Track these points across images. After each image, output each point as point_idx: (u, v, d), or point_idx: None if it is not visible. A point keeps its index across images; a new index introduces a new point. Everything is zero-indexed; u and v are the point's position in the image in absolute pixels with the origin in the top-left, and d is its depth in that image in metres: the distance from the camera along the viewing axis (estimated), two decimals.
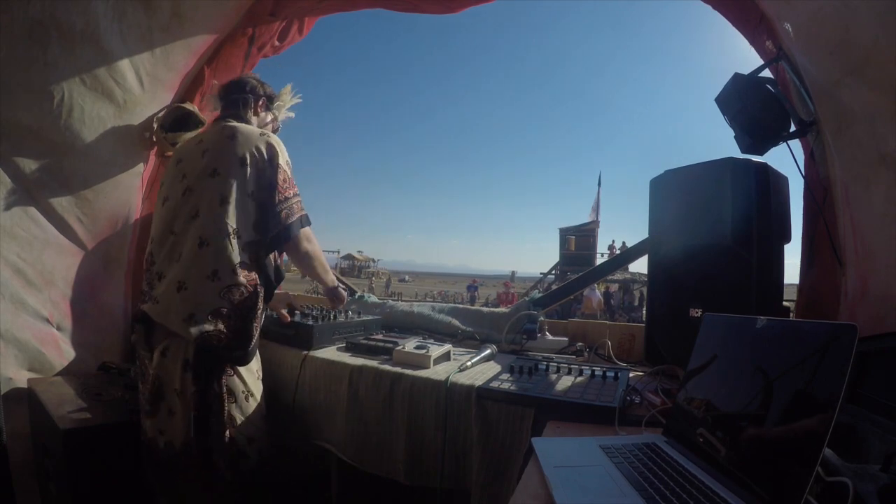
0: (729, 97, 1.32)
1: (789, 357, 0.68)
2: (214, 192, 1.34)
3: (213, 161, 1.37)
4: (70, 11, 1.44)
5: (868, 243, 1.09)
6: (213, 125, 1.52)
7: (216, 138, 1.42)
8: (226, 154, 1.37)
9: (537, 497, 0.72)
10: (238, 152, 1.37)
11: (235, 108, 1.54)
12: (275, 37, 2.01)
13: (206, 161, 1.38)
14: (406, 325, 1.92)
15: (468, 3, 1.89)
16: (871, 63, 0.91)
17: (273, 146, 1.42)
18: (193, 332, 1.25)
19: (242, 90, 1.56)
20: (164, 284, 1.31)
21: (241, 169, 1.36)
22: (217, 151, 1.39)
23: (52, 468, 1.39)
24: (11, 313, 1.57)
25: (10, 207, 1.55)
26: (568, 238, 17.41)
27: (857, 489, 0.63)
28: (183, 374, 1.27)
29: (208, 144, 1.42)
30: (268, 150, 1.41)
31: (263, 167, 1.39)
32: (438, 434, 1.23)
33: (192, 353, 1.27)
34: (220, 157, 1.37)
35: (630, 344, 1.62)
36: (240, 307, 1.31)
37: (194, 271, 1.29)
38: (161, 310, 1.30)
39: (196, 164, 1.40)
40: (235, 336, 1.31)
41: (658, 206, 1.44)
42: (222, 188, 1.34)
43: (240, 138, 1.39)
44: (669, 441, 0.88)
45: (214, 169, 1.36)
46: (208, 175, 1.36)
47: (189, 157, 1.44)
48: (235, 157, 1.36)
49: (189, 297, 1.27)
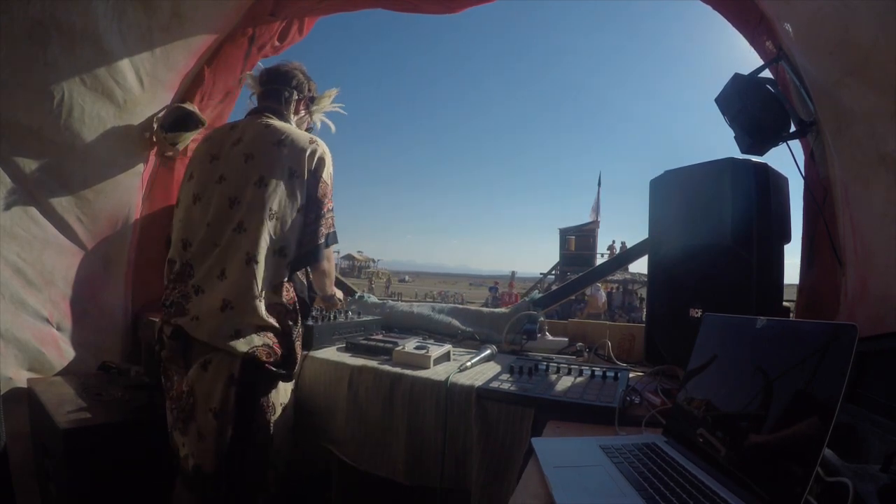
0: (729, 97, 1.32)
1: (789, 357, 0.68)
2: (262, 204, 1.25)
3: (259, 168, 1.28)
4: (70, 11, 1.44)
5: (868, 243, 1.09)
6: (253, 121, 1.39)
7: (260, 141, 1.32)
8: (273, 162, 1.29)
9: (537, 497, 0.72)
10: (287, 163, 1.29)
11: (276, 101, 1.45)
12: (275, 37, 2.01)
13: (251, 168, 1.29)
14: (406, 326, 1.92)
15: (468, 3, 1.89)
16: (871, 63, 0.91)
17: (322, 157, 1.35)
18: (242, 348, 1.19)
19: (287, 83, 1.47)
20: (206, 302, 1.23)
21: (290, 181, 1.29)
22: (263, 158, 1.30)
23: (52, 468, 1.39)
24: (11, 313, 1.57)
25: (10, 207, 1.55)
26: (568, 238, 17.41)
27: (857, 489, 0.63)
28: (226, 390, 1.20)
29: (251, 147, 1.32)
30: (317, 161, 1.34)
31: (310, 179, 1.33)
32: (438, 434, 1.23)
33: (238, 368, 1.20)
34: (266, 165, 1.29)
35: (630, 344, 1.61)
36: (284, 325, 1.28)
37: (241, 290, 1.22)
38: (203, 328, 1.21)
39: (237, 169, 1.30)
40: (283, 353, 1.28)
41: (658, 206, 1.44)
42: (271, 201, 1.26)
43: (289, 146, 1.31)
44: (669, 441, 0.88)
45: (261, 178, 1.27)
46: (254, 184, 1.27)
47: (228, 158, 1.33)
48: (284, 168, 1.29)
49: (235, 316, 1.21)
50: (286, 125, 1.39)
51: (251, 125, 1.38)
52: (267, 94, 1.47)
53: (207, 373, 1.21)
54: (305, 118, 1.56)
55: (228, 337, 1.19)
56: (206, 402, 1.21)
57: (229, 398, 1.20)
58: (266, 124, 1.36)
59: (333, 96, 1.62)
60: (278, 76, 1.48)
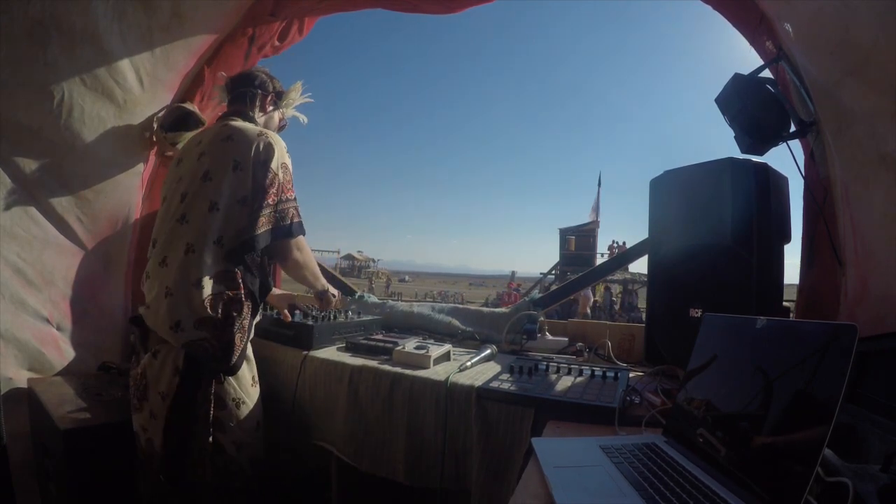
0: (729, 97, 1.32)
1: (789, 357, 0.68)
2: (206, 197, 1.31)
3: (208, 164, 1.35)
4: (70, 11, 1.43)
5: (868, 243, 1.09)
6: (216, 123, 1.48)
7: (213, 139, 1.39)
8: (220, 157, 1.34)
9: (537, 497, 0.72)
10: (232, 156, 1.33)
11: (242, 103, 1.50)
12: (275, 37, 2.01)
13: (201, 164, 1.35)
14: (406, 326, 1.92)
15: (468, 4, 1.89)
16: (871, 63, 0.91)
17: (270, 147, 1.36)
18: (180, 340, 1.25)
19: (251, 84, 1.52)
20: (155, 290, 1.30)
21: (233, 174, 1.32)
22: (212, 154, 1.36)
23: (52, 468, 1.39)
24: (11, 313, 1.57)
25: (10, 207, 1.54)
26: (568, 238, 17.42)
27: (857, 489, 0.63)
28: (171, 378, 1.27)
29: (205, 146, 1.39)
30: (264, 151, 1.35)
31: (256, 170, 1.34)
32: (438, 434, 1.23)
33: (181, 359, 1.26)
34: (214, 161, 1.34)
35: (630, 344, 1.62)
36: (224, 317, 1.28)
37: (180, 278, 1.27)
38: (151, 315, 1.30)
39: (193, 167, 1.37)
40: (221, 346, 1.28)
41: (658, 206, 1.44)
42: (213, 194, 1.31)
43: (235, 139, 1.36)
44: (669, 441, 0.88)
45: (207, 172, 1.33)
46: (201, 178, 1.33)
47: (188, 159, 1.41)
48: (229, 161, 1.33)
49: (175, 304, 1.26)
50: (242, 123, 1.43)
51: (211, 128, 1.47)
52: (233, 98, 1.54)
53: (157, 360, 1.29)
54: (275, 115, 1.59)
55: (169, 328, 1.25)
56: (156, 386, 1.28)
57: (173, 387, 1.26)
58: (223, 124, 1.42)
59: (300, 89, 1.64)
60: (241, 79, 1.54)
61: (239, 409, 1.34)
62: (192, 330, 1.25)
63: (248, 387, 1.38)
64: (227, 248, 1.31)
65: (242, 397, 1.35)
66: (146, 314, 1.31)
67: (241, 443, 1.34)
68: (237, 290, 1.32)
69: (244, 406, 1.35)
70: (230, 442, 1.32)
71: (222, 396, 1.31)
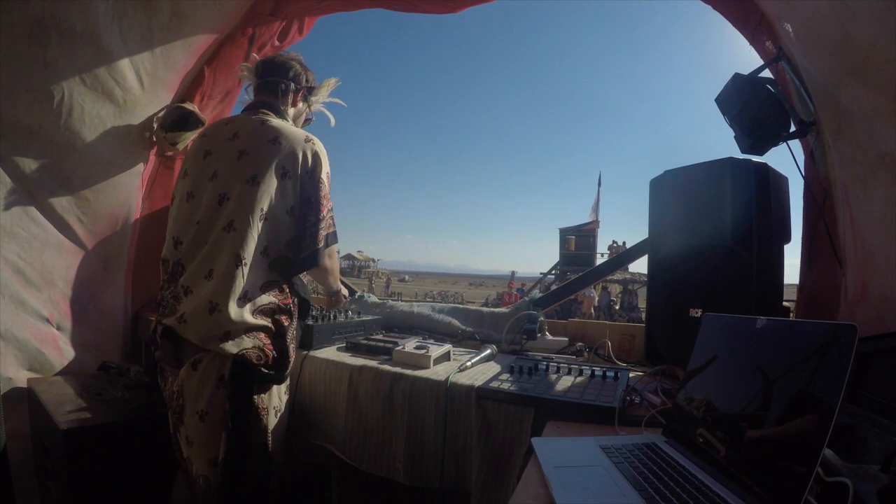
0: (729, 97, 1.32)
1: (789, 357, 0.68)
2: (254, 204, 1.21)
3: (253, 166, 1.24)
4: (70, 11, 1.44)
5: (868, 243, 1.09)
6: (248, 116, 1.36)
7: (255, 138, 1.28)
8: (267, 161, 1.25)
9: (537, 497, 0.72)
10: (281, 161, 1.25)
11: (272, 93, 1.41)
12: (275, 37, 2.01)
13: (244, 165, 1.25)
14: (406, 326, 1.92)
15: (468, 4, 1.89)
16: (871, 63, 0.91)
17: (318, 156, 1.31)
18: (232, 350, 1.15)
19: (284, 74, 1.42)
20: (194, 303, 1.18)
21: (282, 181, 1.25)
22: (257, 155, 1.26)
23: (52, 468, 1.39)
24: (11, 313, 1.57)
25: (10, 207, 1.55)
26: (568, 238, 17.42)
27: (857, 489, 0.63)
28: (214, 391, 1.16)
29: (245, 144, 1.28)
30: (313, 160, 1.30)
31: (306, 180, 1.29)
32: (438, 434, 1.23)
33: (228, 369, 1.16)
34: (260, 163, 1.24)
35: (630, 344, 1.62)
36: (277, 326, 1.25)
37: (228, 292, 1.17)
38: (191, 329, 1.17)
39: (230, 165, 1.26)
40: (277, 355, 1.24)
41: (658, 206, 1.44)
42: (262, 201, 1.22)
43: (283, 144, 1.27)
44: (669, 441, 0.88)
45: (254, 176, 1.23)
46: (246, 181, 1.23)
47: (222, 154, 1.29)
48: (278, 167, 1.25)
49: (223, 319, 1.15)
50: (282, 122, 1.36)
51: (247, 121, 1.35)
52: (263, 86, 1.43)
53: (197, 372, 1.17)
54: (304, 110, 1.52)
55: (218, 339, 1.15)
56: (195, 404, 1.17)
57: (217, 401, 1.16)
58: (262, 121, 1.33)
59: (332, 86, 1.56)
60: (274, 67, 1.43)
61: (276, 417, 1.30)
62: (243, 339, 1.17)
63: (283, 395, 1.35)
64: (273, 257, 1.26)
65: (280, 406, 1.32)
66: (182, 328, 1.17)
67: (274, 453, 1.30)
68: (286, 300, 1.29)
69: (280, 415, 1.32)
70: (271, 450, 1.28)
71: (267, 407, 1.26)
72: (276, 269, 1.27)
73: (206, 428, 1.16)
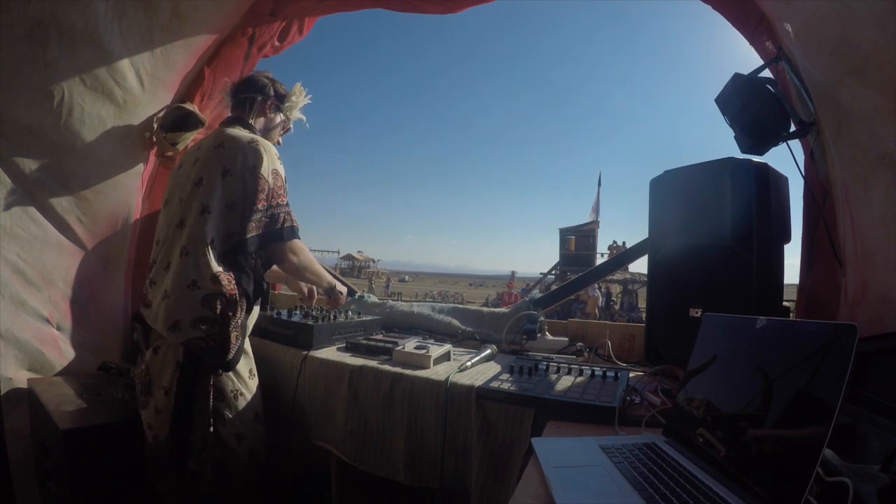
0: (729, 97, 1.32)
1: (789, 357, 0.68)
2: (198, 201, 1.36)
3: (201, 170, 1.40)
4: (70, 11, 1.43)
5: (868, 243, 1.09)
6: (214, 130, 1.53)
7: (208, 146, 1.44)
8: (211, 163, 1.39)
9: (537, 497, 0.72)
10: (222, 162, 1.38)
11: (241, 109, 1.55)
12: (275, 37, 2.01)
13: (196, 170, 1.41)
14: (406, 326, 1.92)
15: (468, 4, 1.89)
16: (871, 63, 0.91)
17: (258, 154, 1.41)
18: (178, 339, 1.31)
19: (251, 90, 1.56)
20: (156, 292, 1.37)
21: (222, 179, 1.37)
22: (205, 161, 1.41)
23: (52, 468, 1.39)
24: (11, 313, 1.57)
25: (10, 207, 1.55)
26: (568, 238, 17.43)
27: (857, 489, 0.63)
28: (173, 373, 1.32)
29: (201, 152, 1.44)
30: (252, 158, 1.40)
31: (245, 177, 1.39)
32: (438, 434, 1.23)
33: (181, 354, 1.32)
34: (206, 167, 1.39)
35: (630, 344, 1.62)
36: (220, 316, 1.32)
37: (177, 280, 1.33)
38: (152, 316, 1.36)
39: (189, 172, 1.43)
40: (217, 344, 1.32)
41: (658, 206, 1.44)
42: (204, 198, 1.36)
43: (226, 146, 1.41)
44: (669, 441, 0.88)
45: (200, 178, 1.39)
46: (193, 184, 1.39)
47: (186, 164, 1.47)
48: (219, 167, 1.38)
49: (172, 305, 1.31)
50: (235, 130, 1.47)
51: (210, 134, 1.53)
52: (235, 104, 1.58)
53: (158, 356, 1.36)
54: (277, 119, 1.62)
55: (168, 328, 1.31)
56: (160, 381, 1.34)
57: (174, 380, 1.32)
58: (219, 131, 1.48)
59: (300, 91, 1.66)
60: (241, 86, 1.58)
61: (237, 400, 1.39)
62: (188, 329, 1.30)
63: (247, 379, 1.43)
64: (220, 250, 1.36)
65: (241, 389, 1.40)
66: (147, 314, 1.38)
67: (241, 434, 1.38)
68: (232, 290, 1.35)
69: (242, 398, 1.40)
70: (230, 434, 1.37)
71: (221, 389, 1.36)
72: (225, 261, 1.37)
73: (169, 399, 1.32)
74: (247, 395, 1.41)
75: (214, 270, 1.33)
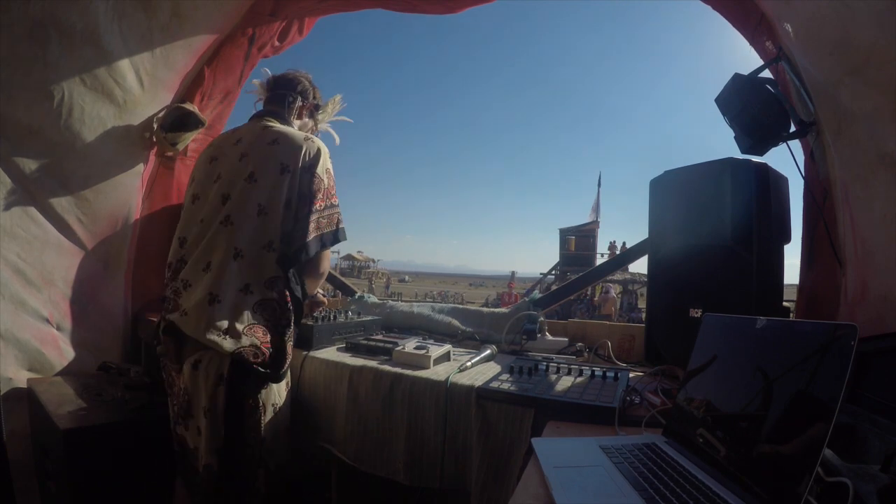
0: (729, 97, 1.32)
1: (789, 357, 0.68)
2: (252, 199, 1.27)
3: (251, 165, 1.30)
4: (70, 11, 1.44)
5: (868, 243, 1.09)
6: (253, 123, 1.43)
7: (256, 141, 1.35)
8: (266, 159, 1.31)
9: (537, 497, 0.72)
10: (279, 158, 1.30)
11: (280, 105, 1.48)
12: (275, 37, 2.01)
13: (244, 165, 1.31)
14: (406, 326, 1.92)
15: (468, 4, 1.89)
16: (871, 63, 0.91)
17: (317, 152, 1.35)
18: (229, 347, 1.17)
19: (292, 88, 1.50)
20: (195, 295, 1.22)
21: (280, 177, 1.29)
22: (257, 156, 1.32)
23: (52, 468, 1.39)
24: (11, 313, 1.57)
25: (10, 207, 1.55)
26: (568, 238, 17.44)
27: (856, 489, 0.63)
28: (215, 390, 1.19)
29: (247, 147, 1.35)
30: (311, 156, 1.33)
31: (304, 175, 1.32)
32: (438, 434, 1.23)
33: (227, 367, 1.19)
34: (259, 162, 1.31)
35: (630, 344, 1.62)
36: (275, 324, 1.26)
37: (227, 283, 1.21)
38: (192, 322, 1.20)
39: (232, 167, 1.33)
40: (273, 353, 1.25)
41: (658, 206, 1.44)
42: (261, 196, 1.27)
43: (282, 143, 1.33)
44: (669, 441, 0.88)
45: (251, 174, 1.29)
46: (244, 180, 1.29)
47: (225, 158, 1.36)
48: (276, 164, 1.29)
49: (223, 310, 1.19)
50: (284, 127, 1.40)
51: (250, 127, 1.42)
52: (271, 98, 1.50)
53: (198, 372, 1.21)
54: (309, 125, 1.58)
55: (215, 333, 1.17)
56: (199, 400, 1.22)
57: (218, 397, 1.19)
58: (264, 125, 1.39)
59: (338, 103, 1.63)
60: (284, 82, 1.51)
61: (276, 413, 1.31)
62: (242, 336, 1.20)
63: (283, 391, 1.35)
64: (280, 253, 1.28)
65: (278, 402, 1.32)
66: (183, 321, 1.21)
67: (273, 448, 1.30)
68: (286, 297, 1.29)
69: (280, 411, 1.33)
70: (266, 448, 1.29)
71: (265, 402, 1.27)
72: (282, 265, 1.29)
73: (211, 421, 1.20)
74: (282, 408, 1.34)
75: (271, 275, 1.26)
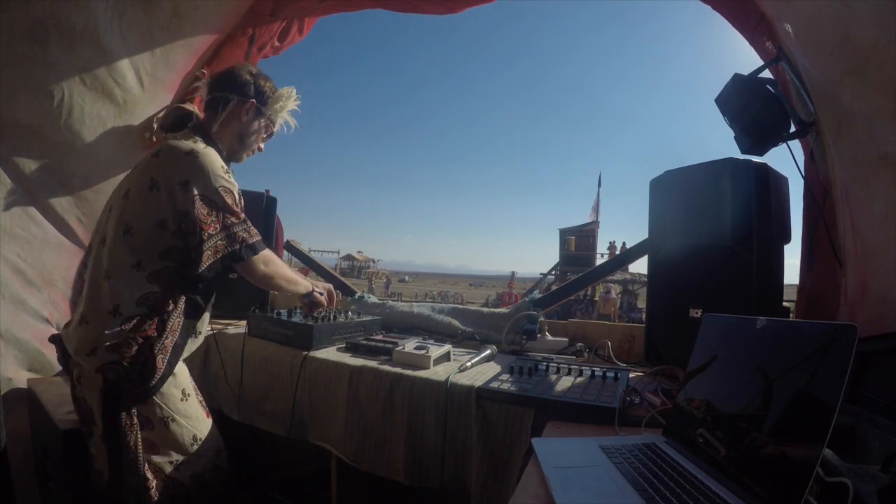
0: (729, 98, 1.32)
1: (789, 357, 0.68)
2: (123, 218, 1.21)
3: (130, 181, 1.26)
4: (70, 11, 1.44)
5: (868, 243, 1.09)
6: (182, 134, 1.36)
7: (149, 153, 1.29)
8: (141, 174, 1.24)
9: (537, 497, 0.72)
10: (153, 174, 1.22)
11: (212, 111, 1.35)
12: (275, 37, 2.01)
13: (128, 180, 1.27)
14: (406, 326, 1.91)
15: (468, 4, 1.89)
16: (871, 63, 0.91)
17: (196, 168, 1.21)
18: (94, 364, 1.16)
19: (227, 87, 1.35)
20: (76, 314, 1.23)
21: (150, 193, 1.20)
22: (138, 170, 1.26)
23: (52, 468, 1.39)
24: (11, 313, 1.57)
25: (10, 207, 1.55)
26: (568, 239, 17.44)
27: (857, 489, 0.63)
28: (99, 403, 1.18)
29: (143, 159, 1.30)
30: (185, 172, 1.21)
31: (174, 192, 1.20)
32: (438, 434, 1.23)
33: (100, 383, 1.17)
34: (136, 178, 1.25)
35: (630, 344, 1.62)
36: (143, 338, 1.18)
37: (96, 305, 1.18)
38: (68, 340, 1.22)
39: (124, 180, 1.29)
40: (136, 368, 1.17)
41: (658, 206, 1.44)
42: (128, 214, 1.21)
43: (161, 157, 1.24)
44: (669, 441, 0.88)
45: (128, 191, 1.24)
46: (122, 196, 1.24)
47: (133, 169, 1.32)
48: (146, 181, 1.22)
49: (90, 331, 1.17)
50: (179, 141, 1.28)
51: None
52: (207, 104, 1.38)
53: (82, 386, 1.21)
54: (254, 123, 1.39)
55: (84, 353, 1.16)
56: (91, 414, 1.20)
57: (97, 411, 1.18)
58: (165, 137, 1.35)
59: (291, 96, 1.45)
60: (219, 80, 1.38)
61: (168, 427, 1.24)
62: (105, 354, 1.15)
63: (177, 402, 1.27)
64: (150, 270, 1.20)
65: (171, 415, 1.25)
66: (65, 337, 1.24)
67: (179, 461, 1.25)
68: (161, 311, 1.21)
69: (174, 423, 1.25)
70: (167, 462, 1.23)
71: (149, 417, 1.21)
72: (158, 281, 1.21)
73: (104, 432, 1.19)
74: (179, 420, 1.26)
75: (142, 293, 1.19)
